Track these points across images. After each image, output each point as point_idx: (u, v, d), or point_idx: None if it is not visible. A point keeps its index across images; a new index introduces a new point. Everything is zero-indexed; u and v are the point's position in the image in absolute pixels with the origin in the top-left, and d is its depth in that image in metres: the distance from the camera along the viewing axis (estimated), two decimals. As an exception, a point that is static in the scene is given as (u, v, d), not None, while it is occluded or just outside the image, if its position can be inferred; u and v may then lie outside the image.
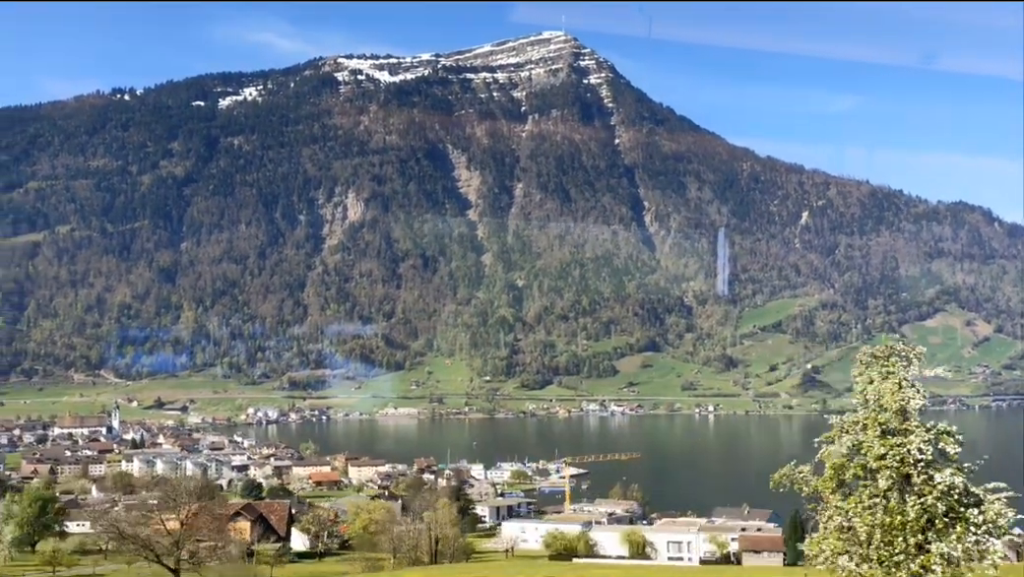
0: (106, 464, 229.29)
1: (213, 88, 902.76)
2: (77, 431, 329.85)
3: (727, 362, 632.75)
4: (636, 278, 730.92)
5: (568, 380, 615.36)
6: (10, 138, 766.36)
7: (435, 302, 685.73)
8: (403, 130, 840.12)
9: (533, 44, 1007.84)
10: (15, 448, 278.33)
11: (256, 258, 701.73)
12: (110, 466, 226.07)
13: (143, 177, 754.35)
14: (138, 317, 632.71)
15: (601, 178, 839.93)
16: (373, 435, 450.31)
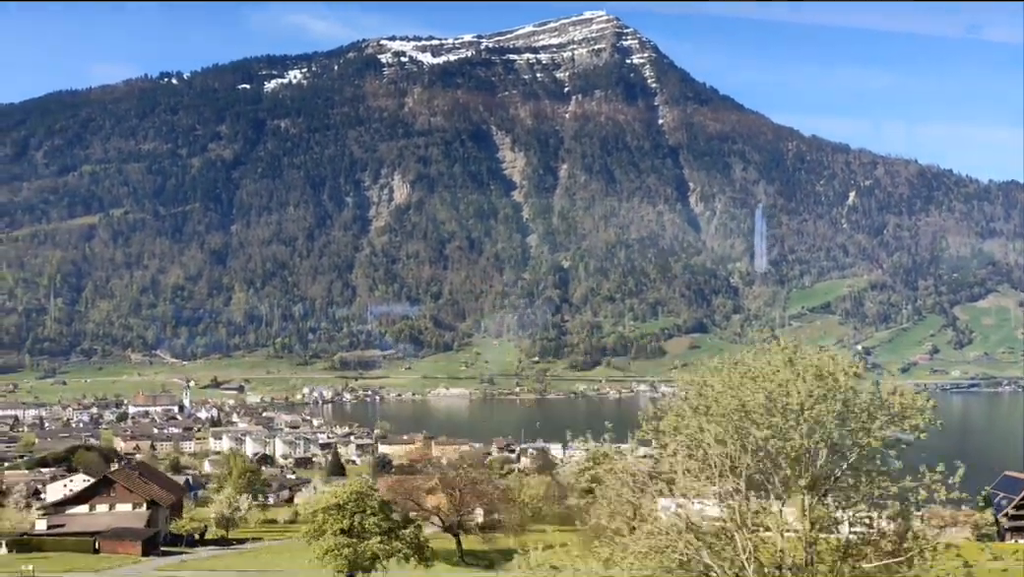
0: (194, 441, 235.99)
1: (258, 71, 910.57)
2: (151, 409, 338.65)
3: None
4: (682, 259, 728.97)
5: (616, 361, 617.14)
6: (63, 122, 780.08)
7: (482, 283, 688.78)
8: (447, 112, 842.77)
9: (575, 24, 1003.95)
10: (97, 425, 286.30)
11: (304, 240, 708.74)
12: (198, 443, 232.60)
13: (193, 160, 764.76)
14: (191, 298, 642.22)
15: (645, 158, 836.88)
16: (428, 415, 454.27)
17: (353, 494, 48.94)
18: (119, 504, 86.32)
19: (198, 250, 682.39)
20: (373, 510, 48.75)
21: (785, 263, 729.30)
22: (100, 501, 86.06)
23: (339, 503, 48.62)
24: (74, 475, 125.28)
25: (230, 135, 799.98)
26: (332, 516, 48.45)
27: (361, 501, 48.76)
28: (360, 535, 47.93)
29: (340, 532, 47.75)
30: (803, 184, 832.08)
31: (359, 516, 48.27)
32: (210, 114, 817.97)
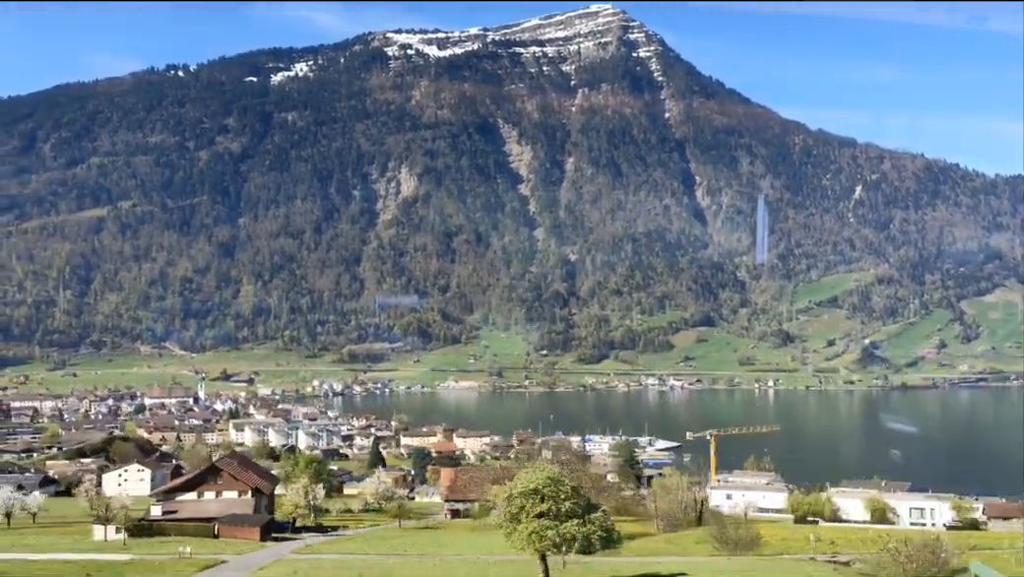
0: (217, 432, 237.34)
1: (264, 64, 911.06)
2: (167, 401, 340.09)
3: (783, 337, 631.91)
4: (689, 253, 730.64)
5: (624, 354, 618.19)
6: (71, 115, 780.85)
7: (489, 276, 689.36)
8: (454, 105, 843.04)
9: (581, 17, 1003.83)
10: (116, 417, 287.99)
11: (312, 233, 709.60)
12: (220, 434, 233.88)
13: (200, 153, 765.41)
14: (199, 291, 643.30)
15: (652, 152, 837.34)
16: (439, 407, 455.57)
17: (548, 480, 50.31)
18: (225, 492, 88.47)
19: (206, 243, 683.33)
20: (567, 494, 50.12)
21: (792, 257, 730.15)
22: (207, 489, 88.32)
23: (536, 488, 49.96)
24: (128, 465, 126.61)
25: (237, 128, 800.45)
26: (532, 500, 49.81)
27: (555, 486, 50.13)
28: (557, 517, 49.39)
29: (538, 516, 49.23)
30: (809, 178, 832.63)
31: (554, 500, 49.69)
32: (217, 107, 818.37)
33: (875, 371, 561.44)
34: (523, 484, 51.39)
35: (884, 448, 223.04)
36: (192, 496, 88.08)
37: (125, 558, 62.28)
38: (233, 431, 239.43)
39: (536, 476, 51.93)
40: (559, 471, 54.90)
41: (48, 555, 63.72)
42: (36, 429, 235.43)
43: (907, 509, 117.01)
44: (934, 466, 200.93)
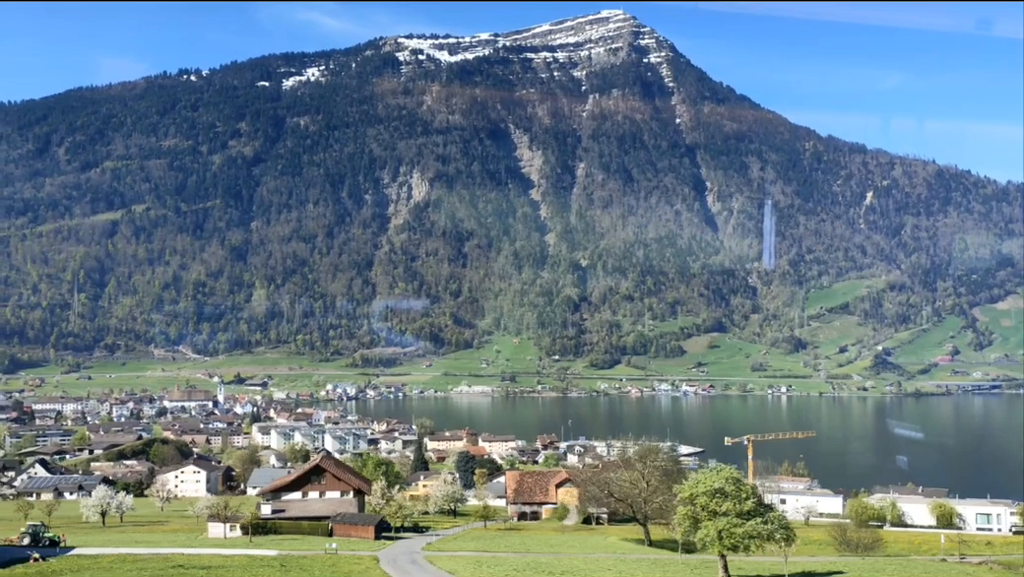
0: (242, 436, 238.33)
1: (276, 68, 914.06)
2: (186, 404, 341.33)
3: (795, 343, 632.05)
4: (700, 259, 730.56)
5: (636, 360, 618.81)
6: (84, 119, 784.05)
7: (500, 281, 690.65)
8: (465, 110, 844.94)
9: (592, 23, 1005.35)
10: (138, 419, 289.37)
11: (324, 237, 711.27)
12: (245, 437, 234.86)
13: (213, 157, 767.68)
14: (213, 294, 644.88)
15: (663, 157, 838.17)
16: (454, 412, 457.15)
17: (730, 479, 51.56)
18: (328, 492, 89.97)
19: (219, 246, 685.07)
20: (747, 493, 51.34)
21: (803, 263, 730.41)
22: (311, 489, 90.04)
23: (720, 487, 51.23)
24: (184, 467, 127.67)
25: (250, 132, 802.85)
26: (716, 499, 50.99)
27: (737, 485, 51.37)
28: (740, 516, 50.54)
29: (721, 514, 50.44)
30: (820, 184, 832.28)
31: (737, 500, 50.84)
32: (230, 111, 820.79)
33: (888, 378, 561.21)
34: (705, 484, 52.79)
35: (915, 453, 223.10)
36: (297, 496, 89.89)
37: (274, 553, 63.62)
38: (259, 434, 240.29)
39: (715, 476, 53.32)
40: (731, 472, 56.27)
41: (203, 550, 64.84)
42: (64, 432, 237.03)
43: (973, 514, 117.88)
44: (952, 472, 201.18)
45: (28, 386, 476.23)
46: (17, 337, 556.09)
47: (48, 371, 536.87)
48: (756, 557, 62.94)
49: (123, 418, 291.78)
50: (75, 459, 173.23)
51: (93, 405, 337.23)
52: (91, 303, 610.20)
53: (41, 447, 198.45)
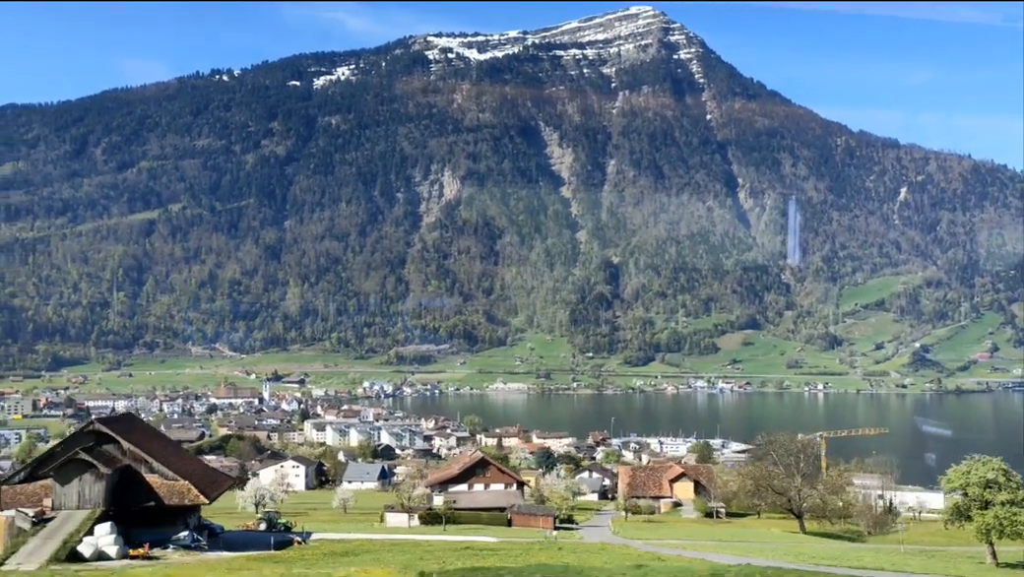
0: (298, 432, 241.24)
1: (307, 68, 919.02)
2: (234, 401, 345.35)
3: (831, 340, 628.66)
4: (733, 255, 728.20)
5: (670, 357, 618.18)
6: (120, 119, 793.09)
7: (533, 279, 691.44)
8: (496, 107, 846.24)
9: (621, 19, 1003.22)
10: (190, 416, 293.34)
11: (357, 236, 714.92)
12: (301, 433, 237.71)
13: (246, 156, 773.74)
14: (248, 293, 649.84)
15: (694, 154, 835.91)
16: (492, 409, 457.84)
17: (1001, 470, 52.48)
18: (492, 484, 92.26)
19: (253, 245, 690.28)
20: (1018, 484, 52.27)
21: (836, 259, 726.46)
22: (476, 481, 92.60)
23: (992, 478, 52.19)
24: (283, 461, 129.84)
25: (282, 131, 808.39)
26: (989, 490, 51.90)
27: (1007, 476, 52.27)
28: (1014, 506, 51.48)
29: (998, 504, 51.35)
30: (853, 180, 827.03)
31: (1010, 490, 51.74)
32: (262, 111, 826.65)
33: (927, 375, 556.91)
34: (976, 475, 53.55)
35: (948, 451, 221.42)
36: (463, 488, 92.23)
37: (494, 540, 65.18)
38: (313, 430, 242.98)
39: (984, 468, 54.09)
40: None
41: (431, 537, 66.93)
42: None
43: None
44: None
45: (72, 383, 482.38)
46: (59, 335, 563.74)
47: (90, 368, 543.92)
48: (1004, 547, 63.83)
49: (175, 415, 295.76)
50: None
51: (143, 402, 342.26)
52: (130, 301, 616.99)
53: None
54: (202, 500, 57.06)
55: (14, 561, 42.86)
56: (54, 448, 54.10)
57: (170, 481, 56.12)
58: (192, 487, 56.68)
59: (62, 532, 48.22)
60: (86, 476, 52.28)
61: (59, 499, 52.19)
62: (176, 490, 55.88)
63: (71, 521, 50.14)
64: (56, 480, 52.33)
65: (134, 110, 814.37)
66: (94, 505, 52.18)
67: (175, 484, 56.26)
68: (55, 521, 49.96)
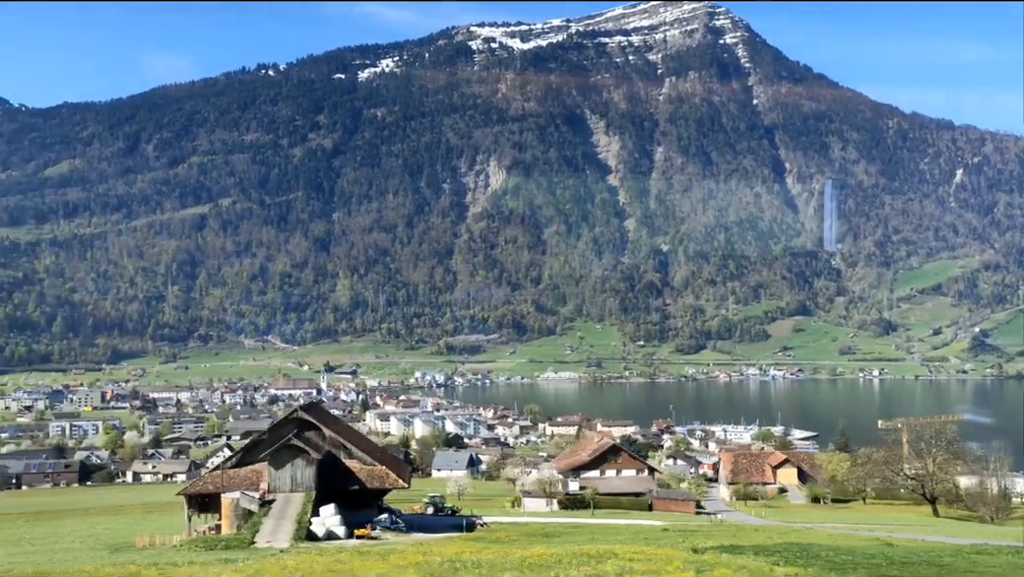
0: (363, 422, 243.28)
1: (351, 61, 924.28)
2: (292, 392, 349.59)
3: (885, 326, 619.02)
4: (782, 241, 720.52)
5: (721, 344, 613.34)
6: (170, 116, 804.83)
7: (581, 268, 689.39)
8: (540, 96, 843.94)
9: (665, 5, 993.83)
10: (254, 407, 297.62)
11: (404, 227, 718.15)
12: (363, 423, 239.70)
13: (294, 150, 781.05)
14: (298, 285, 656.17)
15: (741, 139, 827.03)
16: (543, 398, 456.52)
17: None
18: (624, 470, 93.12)
19: (302, 238, 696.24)
20: None
21: (890, 244, 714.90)
22: (608, 467, 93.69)
23: None
24: None
25: (328, 124, 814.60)
26: None
27: None
28: None
29: None
30: (906, 163, 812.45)
31: None
32: (308, 104, 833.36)
33: (988, 360, 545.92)
34: None
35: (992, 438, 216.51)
36: (595, 473, 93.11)
37: (661, 524, 65.50)
38: (377, 420, 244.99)
39: None
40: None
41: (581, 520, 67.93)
42: (197, 419, 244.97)
43: None
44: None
45: (132, 376, 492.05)
46: (117, 329, 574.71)
47: (147, 361, 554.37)
48: None
49: (238, 406, 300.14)
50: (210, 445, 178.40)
51: (203, 393, 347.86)
52: (184, 295, 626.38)
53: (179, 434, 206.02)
54: (401, 484, 59.52)
55: (263, 539, 44.79)
56: (261, 435, 56.91)
57: (368, 466, 58.51)
58: (390, 472, 59.27)
59: (289, 513, 50.31)
60: (298, 461, 54.98)
61: (274, 483, 54.84)
62: (376, 475, 58.41)
63: (292, 503, 52.43)
64: (271, 465, 54.85)
65: (183, 106, 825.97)
66: (306, 488, 54.65)
67: (374, 469, 58.72)
68: (277, 504, 52.32)
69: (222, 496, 53.29)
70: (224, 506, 52.25)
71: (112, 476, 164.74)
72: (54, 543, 61.06)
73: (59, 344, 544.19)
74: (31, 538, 66.81)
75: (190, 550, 43.93)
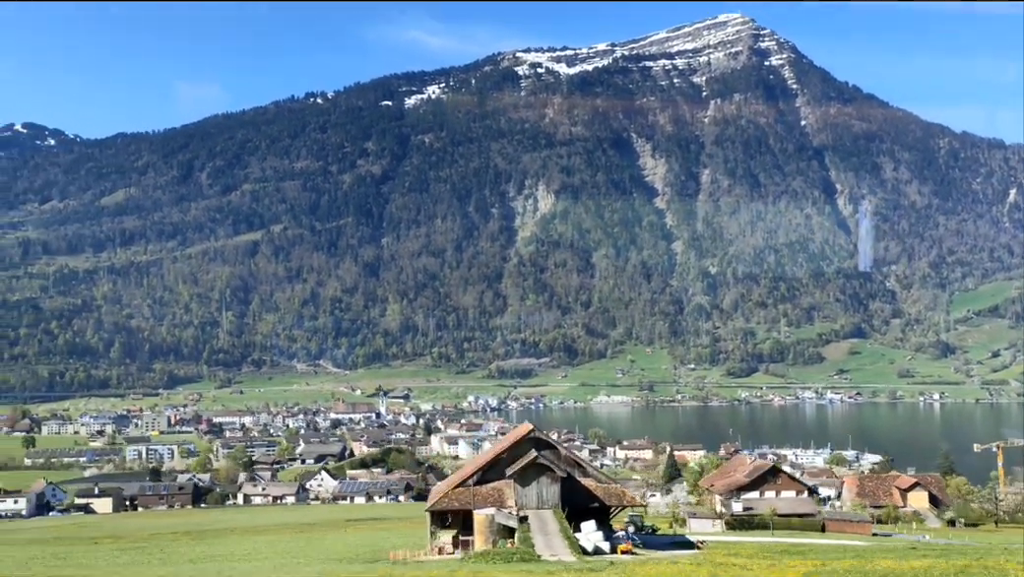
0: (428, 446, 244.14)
1: (398, 88, 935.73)
2: (352, 416, 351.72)
3: (943, 348, 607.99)
4: (834, 263, 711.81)
5: (774, 368, 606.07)
6: (223, 144, 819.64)
7: (630, 291, 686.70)
8: (587, 120, 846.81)
9: (709, 28, 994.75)
10: (316, 431, 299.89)
11: (453, 251, 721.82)
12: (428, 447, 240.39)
13: (344, 176, 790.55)
14: (349, 310, 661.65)
15: (790, 161, 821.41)
16: (597, 421, 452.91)
17: None
18: (783, 491, 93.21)
19: (352, 263, 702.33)
20: None
21: (945, 265, 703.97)
22: (768, 488, 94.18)
23: None
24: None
25: (377, 151, 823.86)
26: None
27: None
28: None
29: None
30: (958, 182, 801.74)
31: None
32: (356, 131, 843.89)
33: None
34: None
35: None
36: (754, 494, 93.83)
37: (864, 544, 65.89)
38: (445, 444, 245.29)
39: None
40: None
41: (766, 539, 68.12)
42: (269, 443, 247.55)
43: None
44: None
45: (189, 401, 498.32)
46: (173, 354, 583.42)
47: (202, 386, 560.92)
48: None
49: (302, 430, 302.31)
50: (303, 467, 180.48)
51: (265, 418, 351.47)
52: (237, 320, 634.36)
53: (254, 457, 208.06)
54: (638, 503, 62.40)
55: (547, 553, 46.33)
56: (500, 454, 58.37)
57: (604, 484, 60.07)
58: (626, 491, 61.24)
59: (551, 529, 51.97)
60: (543, 479, 56.79)
61: (521, 499, 56.58)
62: (613, 493, 59.88)
63: (547, 520, 54.13)
64: (518, 482, 56.66)
65: (235, 135, 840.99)
66: (552, 505, 56.44)
67: (610, 487, 60.34)
68: (533, 520, 53.80)
69: (474, 512, 54.85)
70: (479, 522, 53.79)
71: (223, 498, 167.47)
72: (311, 556, 64.17)
73: (117, 369, 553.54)
74: (289, 552, 69.19)
75: (487, 562, 45.08)
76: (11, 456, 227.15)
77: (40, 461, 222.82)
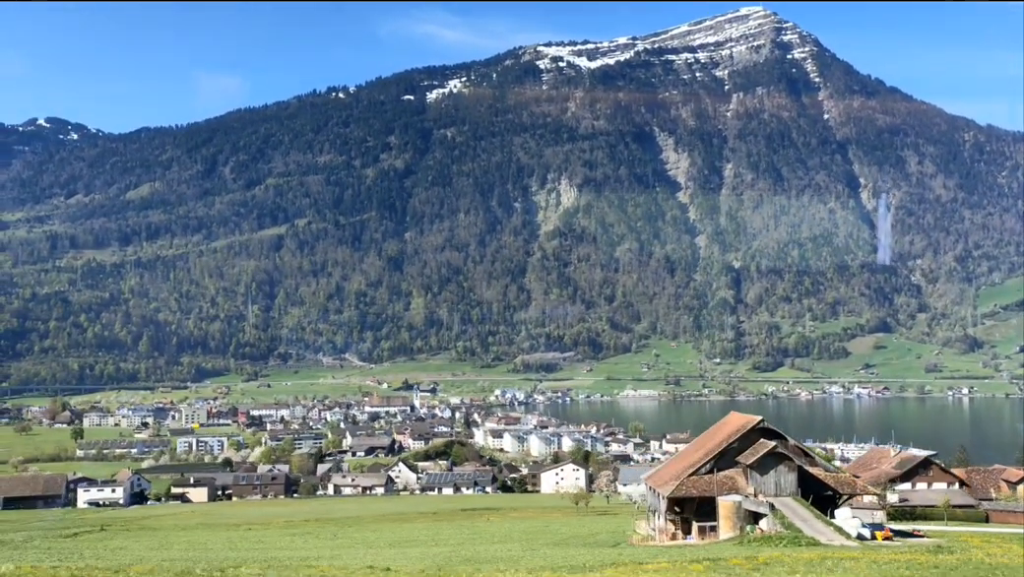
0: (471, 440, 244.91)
1: (419, 82, 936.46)
2: (387, 409, 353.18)
3: (970, 343, 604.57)
4: (858, 257, 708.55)
5: (799, 362, 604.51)
6: (246, 139, 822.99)
7: (654, 285, 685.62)
8: (610, 115, 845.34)
9: (731, 21, 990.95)
10: (356, 424, 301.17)
11: (476, 246, 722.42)
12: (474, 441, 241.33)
13: (367, 171, 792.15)
14: (373, 304, 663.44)
15: (813, 155, 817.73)
16: (625, 415, 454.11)
17: None
18: (935, 483, 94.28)
19: (376, 257, 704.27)
20: None
21: (971, 259, 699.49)
22: (919, 480, 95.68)
23: None
24: (564, 465, 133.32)
25: (399, 145, 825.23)
26: None
27: None
28: None
29: None
30: (984, 176, 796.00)
31: None
32: (379, 126, 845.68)
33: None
34: None
35: None
36: (906, 486, 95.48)
37: None
38: (489, 437, 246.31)
39: None
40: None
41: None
42: (316, 435, 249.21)
43: None
44: None
45: (218, 394, 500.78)
46: (200, 348, 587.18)
47: (230, 379, 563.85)
48: None
49: (341, 424, 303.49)
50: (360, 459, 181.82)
51: (300, 410, 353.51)
52: (263, 314, 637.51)
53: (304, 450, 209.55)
54: (872, 491, 64.60)
55: (823, 539, 47.87)
56: (731, 443, 59.30)
57: (833, 473, 61.43)
58: (857, 479, 62.66)
59: (805, 516, 53.67)
60: (780, 467, 58.63)
61: (759, 487, 58.36)
62: (845, 481, 61.45)
63: (796, 507, 55.68)
64: (756, 471, 58.46)
65: (258, 129, 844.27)
66: (789, 493, 58.15)
67: (840, 476, 61.74)
68: (782, 508, 54.99)
69: (719, 499, 56.55)
70: (725, 508, 55.52)
71: (313, 488, 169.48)
72: (545, 540, 66.11)
73: (145, 363, 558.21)
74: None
75: (774, 547, 46.21)
76: (63, 448, 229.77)
77: (92, 453, 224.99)
